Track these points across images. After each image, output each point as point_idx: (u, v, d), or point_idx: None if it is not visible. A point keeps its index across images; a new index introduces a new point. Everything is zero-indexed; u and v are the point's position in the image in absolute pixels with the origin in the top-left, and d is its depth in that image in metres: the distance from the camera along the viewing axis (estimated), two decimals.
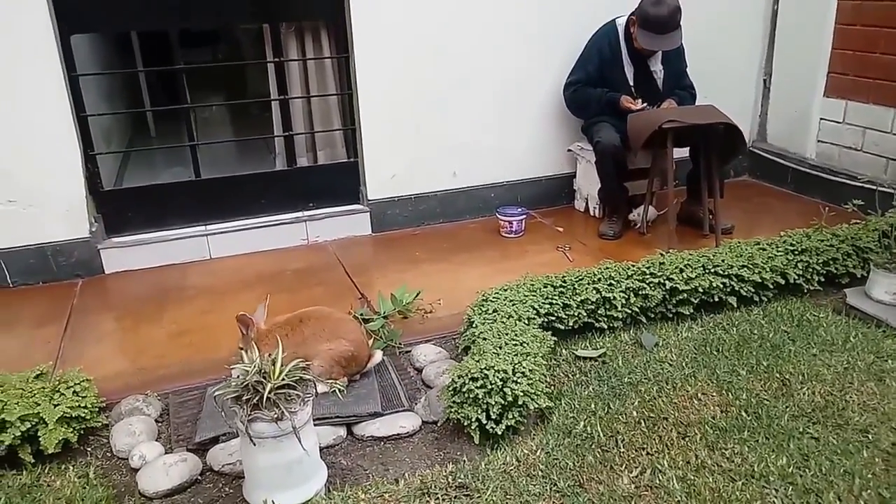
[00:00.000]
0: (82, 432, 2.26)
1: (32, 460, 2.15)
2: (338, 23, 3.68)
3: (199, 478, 2.11)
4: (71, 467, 2.16)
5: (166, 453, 2.19)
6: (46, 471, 2.14)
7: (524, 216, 3.85)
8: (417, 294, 2.96)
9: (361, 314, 2.91)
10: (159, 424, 2.38)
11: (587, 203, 4.13)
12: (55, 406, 2.20)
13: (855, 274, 3.08)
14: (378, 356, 2.54)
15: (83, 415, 2.25)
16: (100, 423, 2.33)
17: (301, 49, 3.82)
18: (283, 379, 1.85)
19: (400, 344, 2.76)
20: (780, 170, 4.41)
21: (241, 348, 2.32)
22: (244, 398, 1.82)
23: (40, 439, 2.13)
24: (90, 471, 2.14)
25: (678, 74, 3.84)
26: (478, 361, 2.19)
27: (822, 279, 3.06)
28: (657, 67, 3.78)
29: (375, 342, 2.73)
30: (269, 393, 1.80)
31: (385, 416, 2.30)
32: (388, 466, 2.13)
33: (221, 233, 3.69)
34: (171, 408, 2.44)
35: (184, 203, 3.69)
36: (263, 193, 3.80)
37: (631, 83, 3.77)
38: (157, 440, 2.28)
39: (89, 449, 2.27)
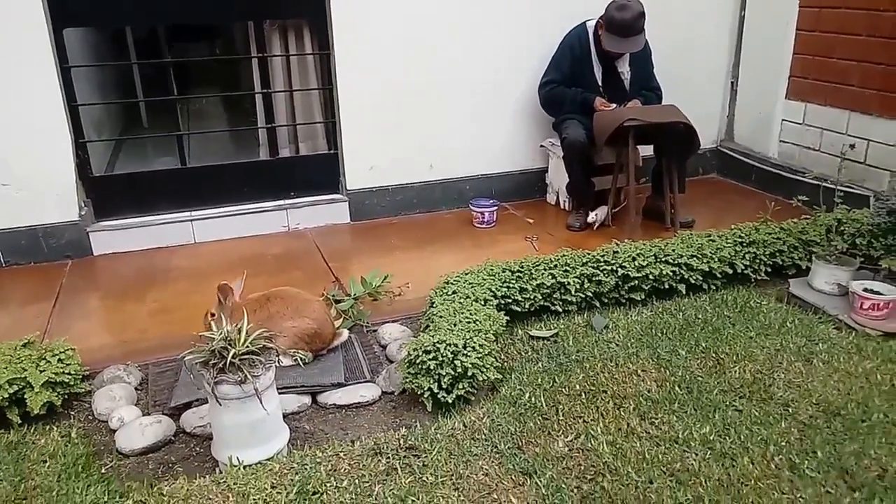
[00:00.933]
0: (66, 397, 2.44)
1: (20, 421, 2.32)
2: (319, 21, 3.86)
3: (173, 438, 2.29)
4: (55, 428, 2.33)
5: (143, 416, 2.37)
6: (32, 430, 2.31)
7: (496, 208, 4.03)
8: (385, 277, 3.14)
9: (333, 295, 3.09)
10: (138, 392, 2.56)
11: (558, 196, 4.32)
12: (41, 372, 2.38)
13: (801, 265, 3.26)
14: (344, 335, 2.73)
15: (67, 380, 2.43)
16: (83, 390, 2.50)
17: (284, 45, 4.00)
18: (248, 346, 2.03)
19: (368, 323, 2.94)
20: (745, 168, 4.60)
21: (213, 315, 2.52)
22: (211, 363, 2.00)
23: (27, 401, 2.31)
24: (72, 431, 2.31)
25: (645, 76, 4.02)
26: (432, 336, 2.38)
27: (769, 270, 3.24)
28: (624, 69, 3.96)
29: (344, 321, 2.91)
30: (234, 358, 1.98)
31: (347, 386, 2.49)
32: (347, 431, 2.32)
33: (206, 218, 3.88)
34: (150, 377, 2.62)
35: (170, 189, 3.87)
36: (247, 182, 3.98)
37: (599, 83, 3.96)
38: (135, 405, 2.46)
39: (73, 412, 2.44)
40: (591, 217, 3.87)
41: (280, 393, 2.40)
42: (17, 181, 3.50)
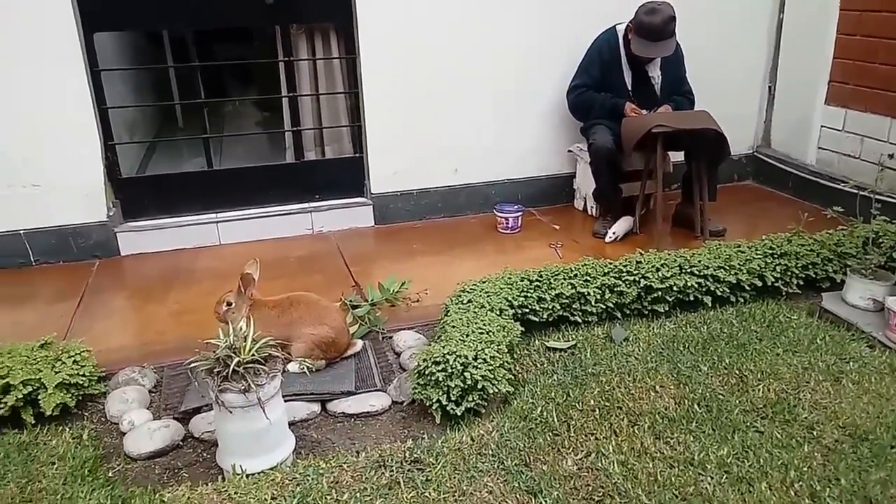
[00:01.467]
0: (80, 398, 2.46)
1: (33, 421, 2.35)
2: (346, 25, 3.85)
3: (181, 443, 2.29)
4: (67, 429, 2.35)
5: (154, 420, 2.38)
6: (45, 431, 2.33)
7: (520, 213, 3.97)
8: (403, 284, 3.11)
9: (351, 301, 3.07)
10: (152, 394, 2.57)
11: (586, 202, 4.24)
12: (56, 373, 2.41)
13: (835, 279, 3.13)
14: (358, 345, 2.71)
15: (81, 382, 2.45)
16: (98, 391, 2.53)
17: (311, 49, 4.00)
18: (253, 355, 2.02)
19: (383, 330, 2.92)
20: (781, 175, 4.45)
21: (230, 304, 2.52)
22: (216, 370, 1.99)
23: (40, 402, 2.34)
24: (84, 433, 2.33)
25: (676, 80, 3.91)
26: (443, 347, 2.33)
27: (802, 283, 3.12)
28: (655, 73, 3.86)
29: (360, 327, 2.89)
30: (238, 366, 1.97)
31: (357, 394, 2.46)
32: (354, 440, 2.29)
33: (231, 220, 3.90)
34: (164, 379, 2.63)
35: (197, 191, 3.90)
36: (272, 185, 3.99)
37: (629, 88, 3.87)
38: (148, 408, 2.47)
39: (86, 413, 2.46)
40: (610, 235, 3.78)
41: (289, 400, 2.41)
42: (48, 182, 3.56)
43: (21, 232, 3.59)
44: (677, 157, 4.00)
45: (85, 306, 3.22)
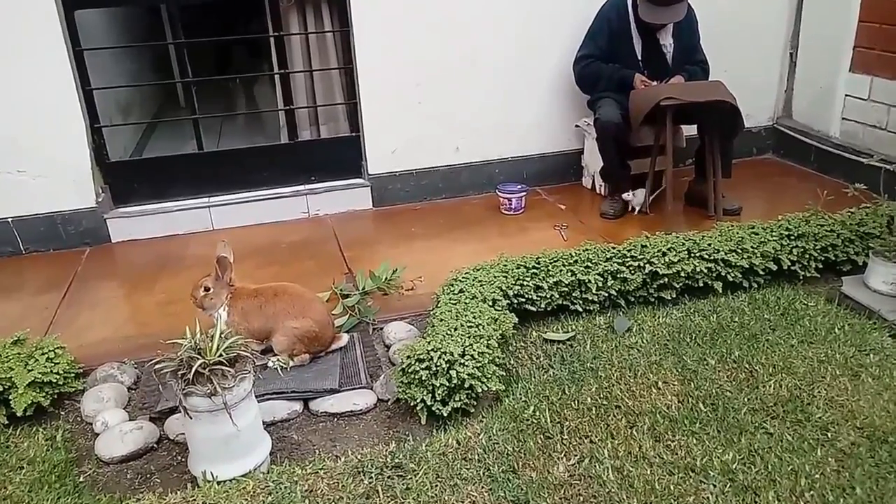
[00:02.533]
0: (55, 397, 2.36)
1: (6, 422, 2.26)
2: None
3: (155, 445, 2.19)
4: (41, 430, 2.26)
5: (130, 420, 2.27)
6: (18, 433, 2.25)
7: (524, 193, 3.79)
8: (395, 271, 2.96)
9: (341, 290, 2.94)
10: (131, 392, 2.47)
11: (594, 180, 4.04)
12: (28, 371, 2.31)
13: (857, 261, 2.93)
14: (344, 339, 2.59)
15: (55, 380, 2.35)
16: (74, 389, 2.43)
17: (303, 23, 3.82)
18: (221, 355, 1.89)
19: (374, 320, 2.78)
20: (803, 148, 4.21)
21: (207, 289, 2.42)
22: (180, 373, 1.87)
23: (11, 402, 2.24)
24: (58, 434, 2.24)
25: (690, 49, 3.68)
26: (427, 343, 2.19)
27: (820, 266, 2.92)
28: (667, 41, 3.63)
29: (349, 318, 2.76)
30: (203, 368, 1.84)
31: (341, 392, 2.33)
32: (336, 443, 2.17)
33: (224, 205, 3.78)
34: (143, 376, 2.53)
35: (188, 175, 3.77)
36: (266, 167, 3.85)
37: (639, 57, 3.65)
38: (125, 408, 2.37)
39: (62, 413, 2.37)
40: (628, 196, 3.58)
41: (269, 399, 2.29)
42: (34, 168, 3.45)
43: (9, 220, 3.49)
44: (691, 130, 3.78)
45: (71, 297, 3.13)
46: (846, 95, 3.93)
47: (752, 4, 4.17)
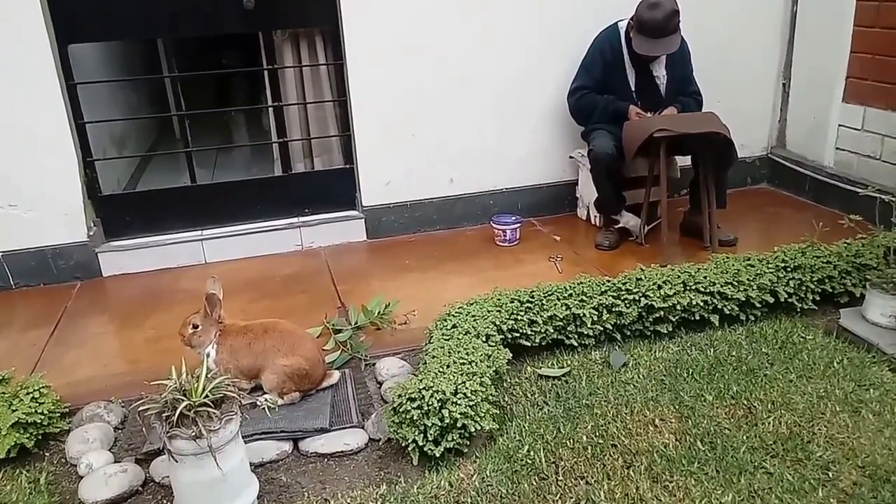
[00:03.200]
0: (40, 437, 2.31)
1: None
2: (331, 30, 3.68)
3: (140, 489, 2.13)
4: (24, 472, 2.21)
5: (115, 462, 2.22)
6: (0, 475, 2.19)
7: (518, 225, 3.77)
8: (388, 305, 2.93)
9: (333, 324, 2.90)
10: (118, 432, 2.42)
11: (589, 211, 4.03)
12: (12, 412, 2.26)
13: (854, 293, 2.90)
14: (335, 377, 2.54)
15: (40, 420, 2.30)
16: (59, 429, 2.38)
17: (297, 56, 3.83)
18: (206, 396, 1.85)
19: (366, 356, 2.74)
20: (798, 178, 4.21)
21: (195, 326, 2.39)
22: (164, 415, 1.82)
23: None
24: (42, 477, 2.18)
25: (683, 80, 3.69)
26: (419, 381, 2.15)
27: (818, 298, 2.89)
28: (660, 72, 3.64)
29: (341, 354, 2.72)
30: (188, 410, 1.80)
31: (332, 432, 2.28)
32: (325, 485, 2.11)
33: (217, 238, 3.75)
34: (130, 416, 2.47)
35: (181, 208, 3.75)
36: (260, 199, 3.83)
37: (633, 88, 3.65)
38: (111, 449, 2.31)
39: (46, 454, 2.31)
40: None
41: (258, 439, 2.24)
42: (25, 202, 3.43)
43: None
44: (685, 161, 3.78)
45: (59, 333, 3.08)
46: (839, 125, 3.93)
47: (745, 36, 4.19)
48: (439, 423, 2.07)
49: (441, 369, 2.22)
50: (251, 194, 3.83)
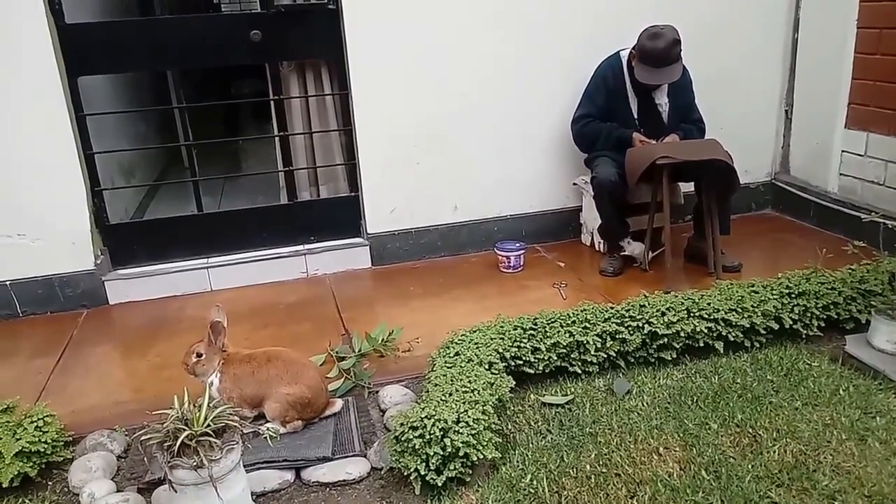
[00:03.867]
0: (43, 466, 2.31)
1: None
2: (337, 61, 3.73)
3: None
4: (27, 502, 2.21)
5: (118, 491, 2.22)
6: None
7: (523, 251, 3.78)
8: (392, 332, 2.93)
9: (337, 352, 2.91)
10: (121, 461, 2.42)
11: (593, 238, 4.03)
12: (16, 440, 2.27)
13: (860, 319, 2.88)
14: (338, 405, 2.54)
15: (43, 449, 2.30)
16: (63, 458, 2.38)
17: (303, 86, 3.88)
18: (208, 425, 1.85)
19: (370, 384, 2.74)
20: (802, 203, 4.21)
21: (199, 355, 2.39)
22: (166, 444, 1.83)
23: None
24: None
25: (685, 107, 3.71)
26: (421, 409, 2.15)
27: (823, 324, 2.88)
28: (662, 100, 3.67)
29: (344, 382, 2.72)
30: (189, 440, 1.80)
31: (334, 460, 2.28)
32: None
33: (222, 265, 3.77)
34: (133, 444, 2.48)
35: (188, 236, 3.78)
36: (265, 227, 3.86)
37: (635, 116, 3.68)
38: (114, 478, 2.31)
39: (49, 483, 2.31)
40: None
41: (260, 468, 2.24)
42: (34, 231, 3.47)
43: (7, 283, 3.49)
44: (689, 187, 3.79)
45: (65, 362, 3.10)
46: (843, 151, 3.94)
47: (747, 63, 4.23)
48: (441, 452, 2.06)
49: (443, 397, 2.22)
50: (257, 222, 3.86)
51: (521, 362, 2.61)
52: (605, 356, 2.69)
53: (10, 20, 3.18)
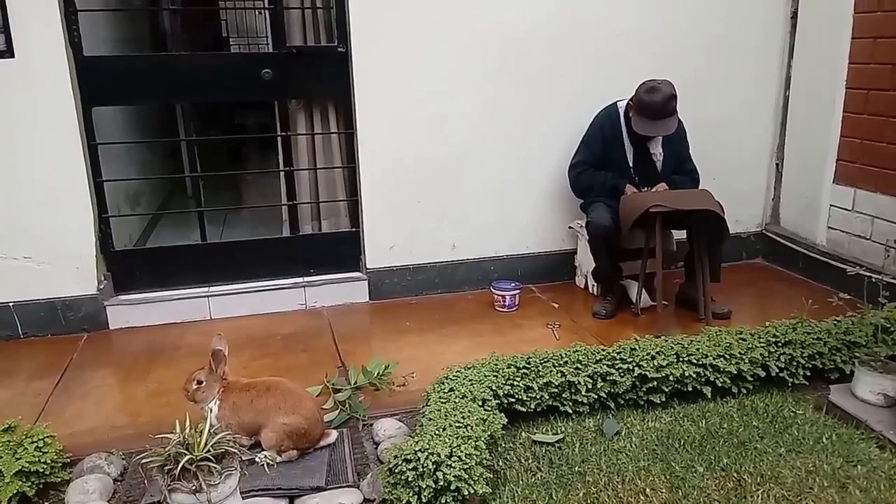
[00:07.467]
0: (41, 487, 2.35)
1: None
2: (344, 101, 3.86)
3: None
4: None
5: None
6: None
7: (518, 291, 3.87)
8: (387, 367, 2.99)
9: (333, 384, 2.96)
10: (117, 484, 2.45)
11: (587, 280, 4.12)
12: (17, 460, 2.31)
13: (844, 369, 2.96)
14: (333, 436, 2.58)
15: (42, 469, 2.35)
16: (60, 479, 2.42)
17: (310, 123, 4.00)
18: (208, 451, 1.90)
19: (364, 416, 2.79)
20: (791, 254, 4.32)
21: (200, 382, 2.44)
22: (166, 468, 1.88)
23: None
24: None
25: (679, 158, 3.84)
26: (415, 443, 2.20)
27: (808, 373, 2.95)
28: (657, 150, 3.79)
29: (339, 414, 2.77)
30: (189, 464, 1.85)
31: (327, 491, 2.32)
32: None
33: (223, 294, 3.84)
34: (130, 467, 2.52)
35: (190, 265, 3.85)
36: (266, 259, 3.94)
37: (630, 164, 3.80)
38: (110, 500, 2.35)
39: (47, 503, 2.35)
40: (643, 302, 3.72)
41: (255, 496, 2.28)
42: (40, 255, 3.54)
43: (10, 304, 3.55)
44: (681, 235, 3.89)
45: (64, 384, 3.14)
46: (831, 205, 4.07)
47: (740, 118, 4.37)
48: (433, 486, 2.11)
49: (437, 432, 2.27)
50: (258, 254, 3.94)
51: (513, 400, 2.67)
52: (596, 397, 2.76)
53: (31, 50, 3.30)
